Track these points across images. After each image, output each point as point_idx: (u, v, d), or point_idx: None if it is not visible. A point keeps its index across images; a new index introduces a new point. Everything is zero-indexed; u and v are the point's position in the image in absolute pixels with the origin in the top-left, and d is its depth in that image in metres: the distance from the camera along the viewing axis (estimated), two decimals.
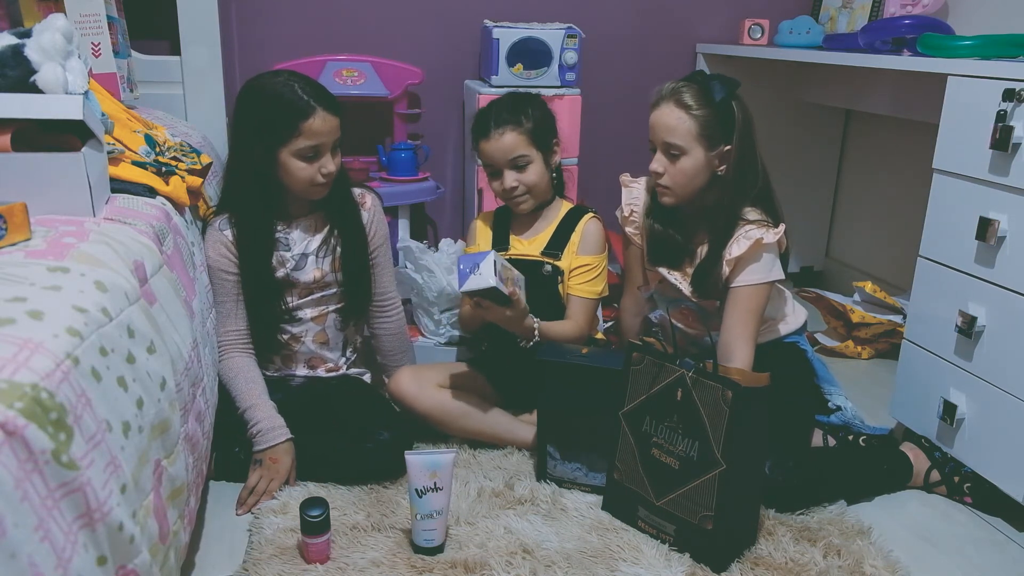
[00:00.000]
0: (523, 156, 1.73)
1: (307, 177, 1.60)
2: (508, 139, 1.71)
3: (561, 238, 1.81)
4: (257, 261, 1.65)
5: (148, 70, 2.19)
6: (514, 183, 1.73)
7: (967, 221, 1.56)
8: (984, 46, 1.66)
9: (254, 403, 1.59)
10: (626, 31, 2.69)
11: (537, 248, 1.81)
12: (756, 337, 1.60)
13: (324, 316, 1.74)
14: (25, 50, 1.18)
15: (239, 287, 1.66)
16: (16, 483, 0.70)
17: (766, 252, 1.59)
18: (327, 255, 1.71)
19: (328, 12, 2.48)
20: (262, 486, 1.54)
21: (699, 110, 1.56)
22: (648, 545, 1.43)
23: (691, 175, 1.59)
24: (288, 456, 1.57)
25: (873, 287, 2.35)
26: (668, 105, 1.58)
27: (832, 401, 1.81)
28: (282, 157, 1.58)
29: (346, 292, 1.75)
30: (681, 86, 1.58)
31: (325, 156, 1.60)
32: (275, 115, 1.56)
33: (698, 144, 1.57)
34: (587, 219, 1.81)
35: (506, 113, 1.73)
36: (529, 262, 1.80)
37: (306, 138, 1.56)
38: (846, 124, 2.85)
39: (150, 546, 0.93)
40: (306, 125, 1.55)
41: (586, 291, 1.80)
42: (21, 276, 0.92)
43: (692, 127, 1.56)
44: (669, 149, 1.59)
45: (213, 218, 1.68)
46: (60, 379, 0.79)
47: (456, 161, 2.70)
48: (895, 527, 1.55)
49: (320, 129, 1.57)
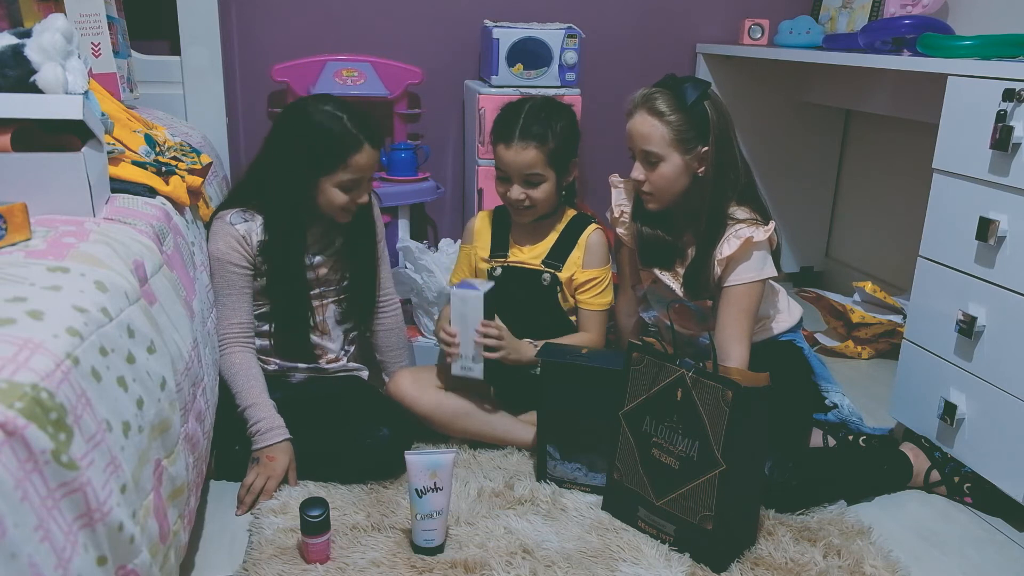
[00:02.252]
0: (538, 175, 1.69)
1: (342, 205, 1.63)
2: (529, 155, 1.67)
3: (563, 248, 1.78)
4: (292, 268, 1.67)
5: (148, 70, 2.19)
6: (521, 196, 1.70)
7: (967, 221, 1.56)
8: (984, 46, 1.66)
9: (254, 402, 1.59)
10: (626, 31, 2.69)
11: (537, 257, 1.79)
12: (751, 336, 1.60)
13: (324, 307, 1.75)
14: (25, 50, 1.18)
15: (246, 280, 1.66)
16: (16, 483, 0.70)
17: (757, 250, 1.59)
18: (333, 255, 1.73)
19: (328, 12, 2.48)
20: (258, 484, 1.54)
21: (672, 115, 1.57)
22: (648, 545, 1.43)
23: (671, 180, 1.60)
24: (285, 455, 1.57)
25: (873, 287, 2.35)
26: (641, 113, 1.59)
27: (829, 398, 1.81)
28: (322, 184, 1.61)
29: (352, 293, 1.76)
30: (653, 93, 1.59)
31: (363, 187, 1.64)
32: (324, 146, 1.59)
33: (674, 149, 1.58)
34: (590, 230, 1.79)
35: (536, 126, 1.67)
36: (527, 271, 1.79)
37: (351, 172, 1.60)
38: (846, 124, 2.85)
39: (150, 546, 0.93)
40: (353, 160, 1.60)
41: (597, 304, 1.79)
42: (21, 276, 0.92)
43: (666, 133, 1.57)
44: (647, 157, 1.60)
45: (222, 211, 1.68)
46: (60, 379, 0.79)
47: (456, 161, 2.70)
48: (895, 527, 1.55)
49: (365, 164, 1.62)
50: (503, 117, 1.72)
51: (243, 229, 1.64)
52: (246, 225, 1.65)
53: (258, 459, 1.56)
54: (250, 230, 1.65)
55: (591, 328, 1.79)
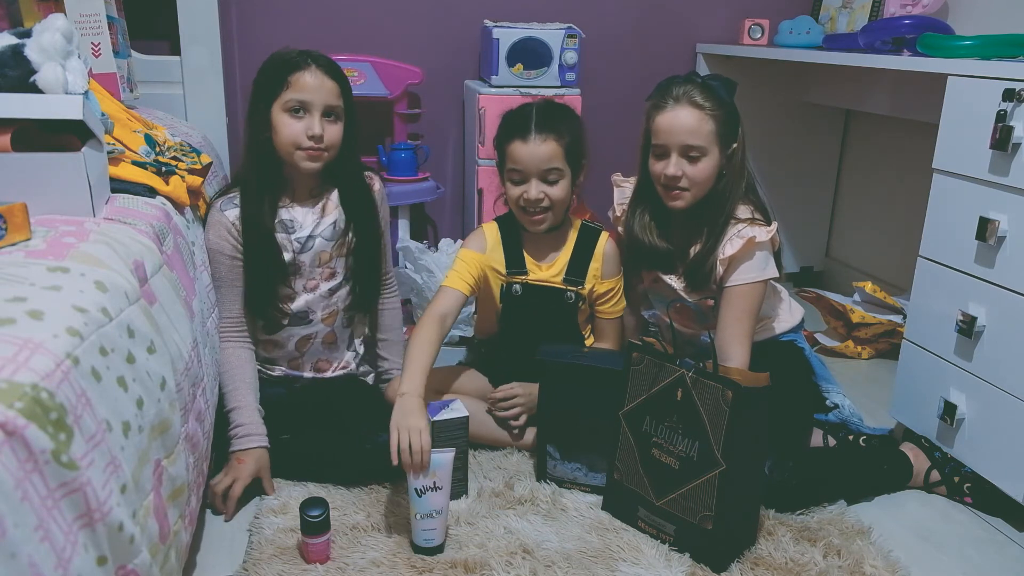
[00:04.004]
0: (557, 170, 1.64)
1: (292, 135, 1.57)
2: (548, 148, 1.62)
3: (580, 263, 1.74)
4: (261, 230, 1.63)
5: (148, 70, 2.19)
6: (540, 195, 1.64)
7: (967, 221, 1.56)
8: (984, 46, 1.66)
9: (239, 405, 1.58)
10: (626, 31, 2.69)
11: (556, 274, 1.75)
12: (751, 336, 1.60)
13: (334, 316, 1.73)
14: (25, 50, 1.18)
15: (236, 272, 1.64)
16: (16, 483, 0.70)
17: (759, 250, 1.59)
18: (334, 238, 1.69)
19: (328, 12, 2.48)
20: (223, 483, 1.50)
21: (715, 110, 1.55)
22: (648, 545, 1.43)
23: (709, 175, 1.59)
24: (255, 462, 1.54)
25: (873, 287, 2.35)
26: (684, 107, 1.56)
27: (830, 399, 1.81)
28: (273, 114, 1.58)
29: (356, 279, 1.73)
30: (690, 88, 1.57)
31: (314, 116, 1.57)
32: (270, 70, 1.59)
33: (716, 144, 1.57)
34: (604, 240, 1.75)
35: (550, 121, 1.64)
36: (550, 289, 1.75)
37: (293, 91, 1.56)
38: (846, 124, 2.85)
39: (150, 546, 0.93)
40: (294, 77, 1.56)
41: (615, 312, 1.79)
42: (21, 276, 0.92)
43: (712, 127, 1.56)
44: (689, 151, 1.57)
45: (215, 200, 1.67)
46: (60, 379, 0.79)
47: (456, 161, 2.70)
48: (895, 527, 1.55)
49: (308, 84, 1.57)
50: (513, 118, 1.68)
51: (232, 216, 1.63)
52: (235, 211, 1.63)
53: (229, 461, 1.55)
54: (238, 216, 1.63)
55: (609, 335, 1.80)
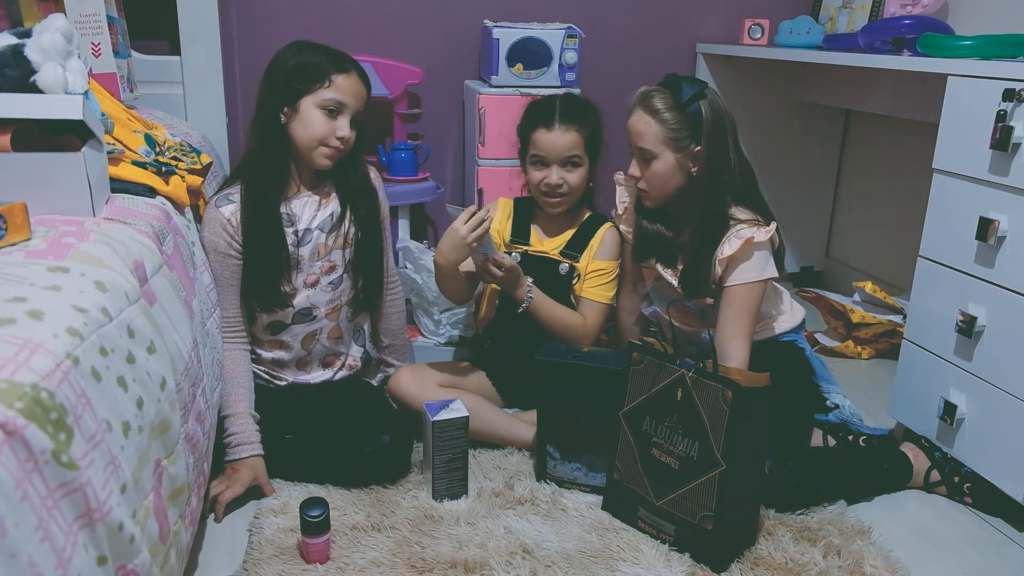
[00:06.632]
0: (578, 157, 1.76)
1: (321, 134, 1.58)
2: (571, 137, 1.74)
3: (580, 241, 1.83)
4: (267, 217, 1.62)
5: (148, 70, 2.19)
6: (560, 180, 1.75)
7: (967, 221, 1.56)
8: (984, 46, 1.66)
9: (233, 412, 1.58)
10: (626, 31, 2.69)
11: (555, 247, 1.83)
12: (751, 336, 1.60)
13: (337, 310, 1.73)
14: (25, 50, 1.18)
15: (232, 271, 1.63)
16: (16, 483, 0.70)
17: (758, 251, 1.59)
18: (334, 231, 1.68)
19: (328, 12, 2.48)
20: (214, 491, 1.51)
21: (667, 113, 1.59)
22: (648, 545, 1.43)
23: (664, 178, 1.63)
24: (250, 471, 1.55)
25: (873, 287, 2.35)
26: (638, 111, 1.63)
27: (830, 399, 1.81)
28: (304, 105, 1.58)
29: (358, 270, 1.72)
30: (651, 91, 1.62)
31: (344, 119, 1.60)
32: (313, 62, 1.58)
33: (666, 147, 1.60)
34: (607, 227, 1.84)
35: (573, 112, 1.76)
36: (546, 259, 1.82)
37: (334, 91, 1.58)
38: (846, 124, 2.85)
39: (150, 546, 0.93)
40: (338, 78, 1.58)
41: (598, 295, 1.81)
42: (21, 276, 0.92)
43: (659, 131, 1.60)
44: (642, 154, 1.63)
45: (212, 197, 1.66)
46: (60, 379, 0.79)
47: (456, 161, 2.70)
48: (895, 527, 1.55)
49: (350, 89, 1.59)
50: (538, 108, 1.79)
51: (227, 212, 1.62)
52: (231, 207, 1.62)
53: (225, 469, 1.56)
54: (234, 212, 1.62)
55: (587, 316, 1.80)
